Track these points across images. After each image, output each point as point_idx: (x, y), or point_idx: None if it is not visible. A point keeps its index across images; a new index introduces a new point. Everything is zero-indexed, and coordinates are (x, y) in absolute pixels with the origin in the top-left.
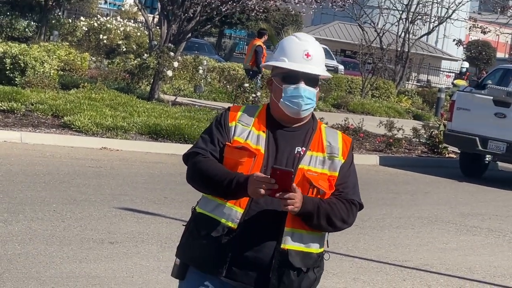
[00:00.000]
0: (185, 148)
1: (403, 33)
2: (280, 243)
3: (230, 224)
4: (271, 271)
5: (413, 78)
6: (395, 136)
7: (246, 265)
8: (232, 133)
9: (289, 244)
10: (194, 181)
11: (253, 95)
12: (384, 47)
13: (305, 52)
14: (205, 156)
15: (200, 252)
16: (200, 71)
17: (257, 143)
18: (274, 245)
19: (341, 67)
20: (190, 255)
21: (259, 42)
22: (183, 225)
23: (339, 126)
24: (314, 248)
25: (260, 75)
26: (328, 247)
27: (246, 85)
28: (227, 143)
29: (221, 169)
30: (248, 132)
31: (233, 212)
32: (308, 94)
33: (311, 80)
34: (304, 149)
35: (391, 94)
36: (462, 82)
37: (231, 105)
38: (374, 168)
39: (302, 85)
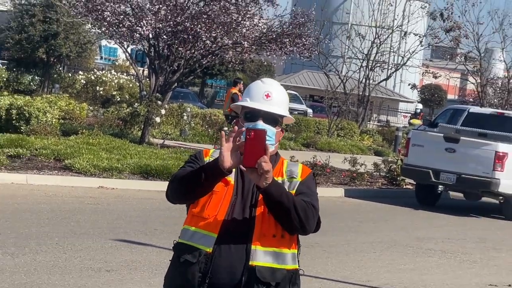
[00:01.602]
0: None
1: (364, 79)
2: (248, 260)
3: (206, 249)
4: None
5: (374, 119)
6: (358, 171)
7: (222, 286)
8: None
9: (257, 261)
10: (175, 191)
11: None
12: (347, 92)
13: (265, 93)
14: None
15: (181, 279)
16: (185, 117)
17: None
18: (244, 263)
19: (310, 110)
20: (173, 284)
21: (235, 90)
22: (169, 260)
23: (308, 163)
24: (285, 265)
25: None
26: (299, 266)
27: (225, 128)
28: None
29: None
30: None
31: (208, 238)
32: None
33: (270, 119)
34: None
35: (355, 134)
36: (417, 122)
37: (211, 146)
38: (340, 199)
39: (260, 122)
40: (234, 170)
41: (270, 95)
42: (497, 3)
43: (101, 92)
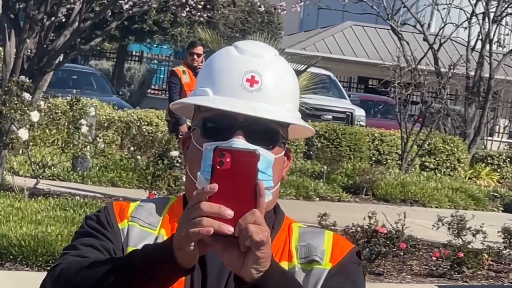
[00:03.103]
0: None
1: (479, 42)
2: None
3: None
4: None
5: (501, 131)
6: (469, 246)
7: None
8: (123, 239)
9: None
10: None
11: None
12: (443, 70)
13: (247, 74)
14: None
15: None
16: (84, 129)
17: None
18: None
19: (359, 112)
20: None
21: (179, 67)
22: None
23: (359, 229)
24: None
25: (181, 128)
26: None
27: (175, 153)
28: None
29: (111, 257)
30: (154, 239)
31: None
32: None
33: (259, 132)
34: None
35: (460, 163)
36: None
37: (144, 195)
38: None
39: (238, 140)
40: None
41: (258, 80)
42: None
43: None
